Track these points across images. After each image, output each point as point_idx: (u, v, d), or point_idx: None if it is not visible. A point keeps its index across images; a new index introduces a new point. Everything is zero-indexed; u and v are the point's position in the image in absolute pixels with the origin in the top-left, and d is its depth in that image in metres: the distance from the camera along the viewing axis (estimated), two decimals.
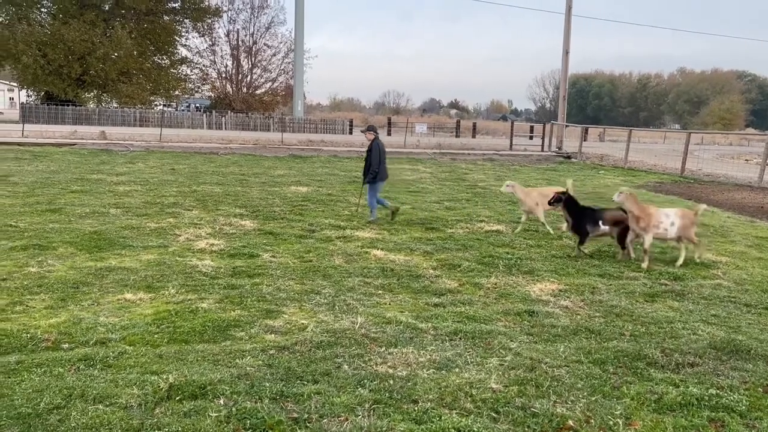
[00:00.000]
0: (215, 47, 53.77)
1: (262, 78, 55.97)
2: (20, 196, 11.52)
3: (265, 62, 55.29)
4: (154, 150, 24.18)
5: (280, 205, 11.90)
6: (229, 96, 53.90)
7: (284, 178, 16.70)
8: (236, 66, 54.77)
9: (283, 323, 5.44)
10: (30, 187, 12.66)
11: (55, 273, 6.63)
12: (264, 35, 54.54)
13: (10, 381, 4.06)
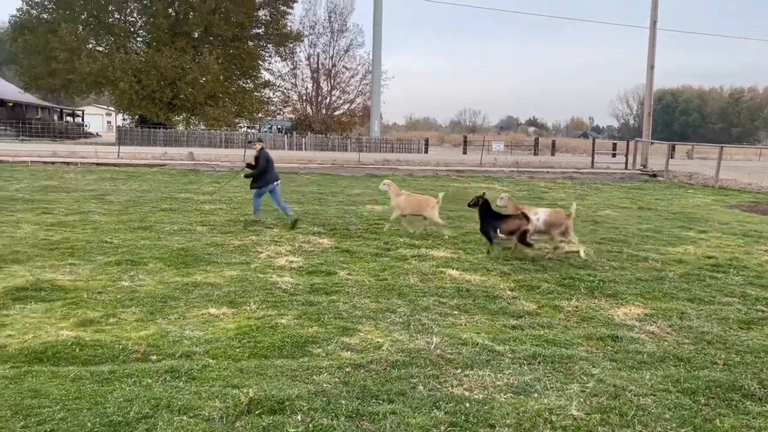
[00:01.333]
0: (296, 71, 55.64)
1: (341, 99, 57.31)
2: (115, 214, 12.25)
3: (343, 84, 56.64)
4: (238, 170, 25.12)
5: (356, 223, 12.05)
6: (309, 117, 55.43)
7: (360, 197, 16.92)
8: (316, 88, 56.36)
9: (358, 341, 5.48)
10: (124, 206, 13.44)
11: (145, 287, 6.98)
12: (343, 58, 55.93)
13: (103, 389, 4.29)
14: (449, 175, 26.00)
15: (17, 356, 4.83)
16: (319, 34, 55.36)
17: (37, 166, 23.95)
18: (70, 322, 5.72)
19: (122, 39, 46.97)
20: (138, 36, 49.85)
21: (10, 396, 4.13)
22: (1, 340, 5.17)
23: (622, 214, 14.80)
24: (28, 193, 15.06)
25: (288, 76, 55.61)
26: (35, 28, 44.55)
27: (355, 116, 57.60)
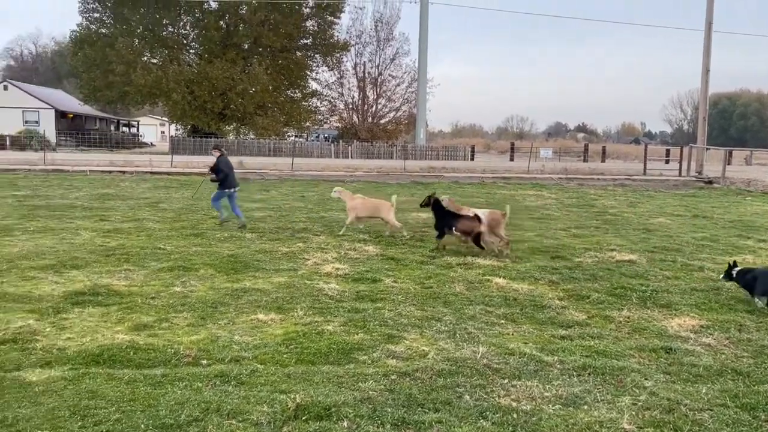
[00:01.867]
0: (343, 80, 56.16)
1: (386, 108, 57.54)
2: (168, 221, 12.61)
3: (389, 92, 56.85)
4: (286, 178, 25.53)
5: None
6: (355, 126, 55.86)
7: (405, 204, 16.92)
8: (362, 97, 56.75)
9: (404, 349, 5.47)
10: (177, 213, 13.83)
11: (196, 293, 7.15)
12: (389, 66, 56.17)
13: (156, 392, 4.41)
14: (495, 182, 25.76)
15: (75, 358, 5.01)
16: (365, 44, 55.82)
17: (95, 175, 24.89)
18: (125, 326, 5.91)
19: (175, 51, 48.45)
20: (191, 48, 51.34)
21: (68, 397, 4.29)
22: (60, 342, 5.38)
23: (675, 222, 14.35)
24: (87, 201, 15.66)
25: (335, 86, 56.26)
26: (94, 43, 46.41)
27: (400, 124, 57.75)
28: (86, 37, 47.46)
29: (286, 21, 46.93)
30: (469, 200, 18.11)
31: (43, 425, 3.85)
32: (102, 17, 48.69)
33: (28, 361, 4.93)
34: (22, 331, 5.61)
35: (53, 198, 16.29)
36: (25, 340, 5.38)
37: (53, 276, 7.71)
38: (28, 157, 32.20)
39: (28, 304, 6.48)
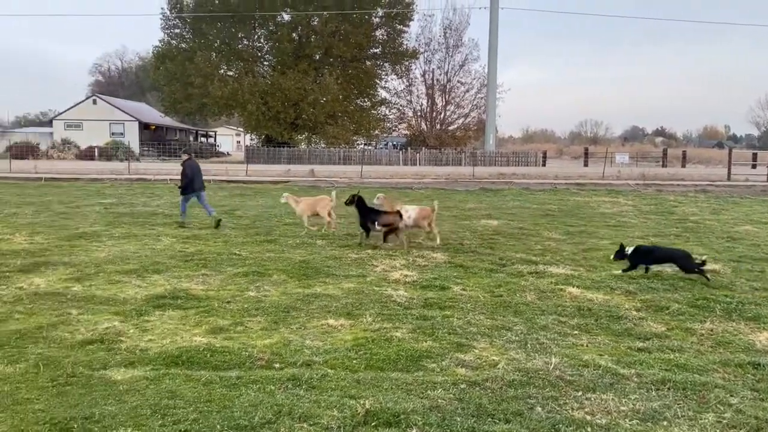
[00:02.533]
0: (412, 87, 56.33)
1: (455, 114, 57.22)
2: (243, 227, 13.02)
3: (458, 99, 56.53)
4: (356, 185, 25.81)
5: (470, 238, 11.95)
6: (424, 133, 55.88)
7: (474, 211, 16.77)
8: (431, 104, 56.72)
9: (473, 358, 5.41)
10: (251, 220, 14.26)
11: (269, 297, 7.34)
12: (458, 73, 55.88)
13: (231, 394, 4.55)
14: (569, 188, 25.12)
15: (156, 359, 5.25)
16: (434, 51, 55.77)
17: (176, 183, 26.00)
18: (202, 329, 6.13)
19: (250, 64, 50.10)
20: (264, 60, 52.93)
21: (150, 396, 4.49)
22: (143, 343, 5.65)
23: (763, 231, 13.53)
24: (167, 209, 16.39)
25: (403, 93, 56.49)
26: (174, 57, 48.66)
27: (469, 130, 57.30)
28: (167, 52, 49.84)
29: (356, 31, 47.64)
30: (542, 207, 17.76)
31: (126, 423, 4.05)
32: (182, 33, 51.00)
33: (113, 361, 5.19)
34: (108, 332, 5.92)
35: (137, 206, 17.15)
36: (110, 341, 5.68)
37: (136, 280, 8.11)
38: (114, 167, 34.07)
39: (113, 307, 6.84)
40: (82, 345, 5.55)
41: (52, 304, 6.85)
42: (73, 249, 10.19)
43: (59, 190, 22.17)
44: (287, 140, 48.16)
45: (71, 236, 11.49)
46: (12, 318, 6.32)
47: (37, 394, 4.47)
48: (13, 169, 29.81)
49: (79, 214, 14.81)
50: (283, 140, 47.81)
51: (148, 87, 78.45)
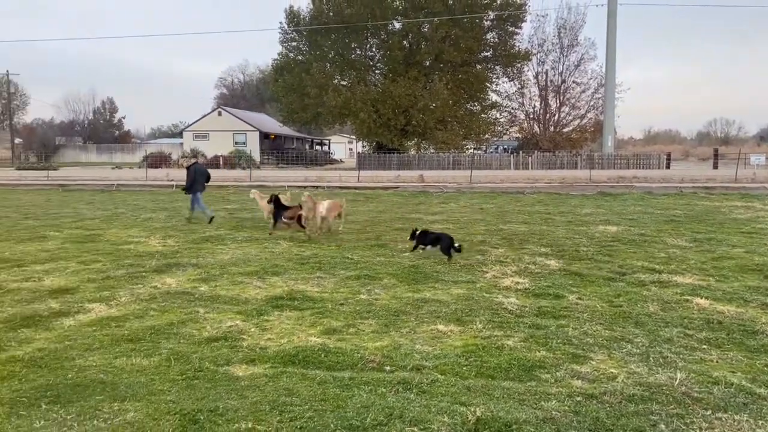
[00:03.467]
0: (524, 90, 55.18)
1: (570, 116, 55.38)
2: (355, 232, 13.34)
3: (573, 100, 54.69)
4: (465, 191, 25.67)
5: (587, 245, 11.48)
6: (536, 136, 54.50)
7: (591, 216, 16.10)
8: (544, 106, 55.27)
9: (590, 370, 5.19)
10: (363, 225, 14.58)
11: (380, 301, 7.47)
12: (573, 73, 54.08)
13: (344, 394, 4.67)
14: (696, 192, 23.45)
15: (275, 358, 5.50)
16: (547, 51, 54.31)
17: (293, 190, 27.14)
18: (317, 329, 6.35)
19: (362, 73, 51.33)
20: (376, 69, 54.02)
21: (268, 392, 4.71)
22: (262, 342, 5.94)
23: None
24: None
25: (515, 96, 55.44)
26: (292, 69, 50.91)
27: (585, 132, 55.16)
28: (285, 65, 52.24)
29: (466, 35, 47.42)
30: (666, 212, 16.72)
31: (247, 417, 4.27)
32: (299, 45, 53.26)
33: (235, 358, 5.51)
34: (231, 330, 6.29)
35: (257, 211, 18.07)
36: (233, 339, 6.03)
37: (257, 281, 8.55)
38: (237, 175, 36.14)
39: (236, 306, 7.26)
40: (208, 342, 5.94)
41: (182, 303, 7.37)
42: (201, 251, 10.93)
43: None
44: (397, 146, 48.79)
45: (199, 240, 12.33)
46: (147, 315, 6.88)
47: (168, 386, 4.83)
48: (148, 177, 32.47)
49: (205, 219, 15.84)
50: (393, 146, 48.49)
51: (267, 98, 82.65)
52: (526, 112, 56.12)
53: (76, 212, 17.83)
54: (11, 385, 4.82)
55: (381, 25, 49.61)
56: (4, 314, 6.84)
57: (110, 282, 8.48)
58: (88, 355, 5.53)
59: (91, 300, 7.45)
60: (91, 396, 4.62)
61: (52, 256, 10.49)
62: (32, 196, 24.63)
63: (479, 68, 51.19)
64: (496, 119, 54.88)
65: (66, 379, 4.94)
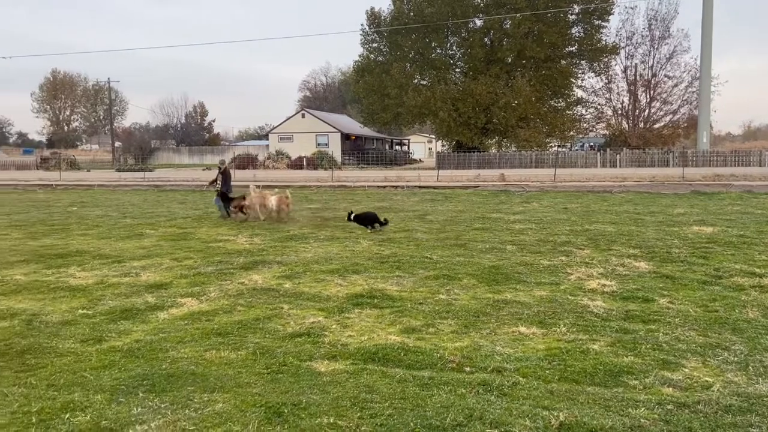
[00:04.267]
0: (611, 85, 53.23)
1: (661, 111, 52.86)
2: (434, 232, 13.32)
3: (664, 94, 52.20)
4: (548, 190, 25.04)
5: (679, 246, 10.92)
6: (625, 132, 52.39)
7: (684, 216, 15.29)
8: (633, 101, 53.07)
9: (682, 377, 4.94)
10: (442, 225, 14.53)
11: (459, 301, 7.42)
12: (664, 66, 51.63)
13: (423, 393, 4.68)
14: None
15: (355, 354, 5.58)
16: (637, 44, 52.08)
17: (372, 189, 27.47)
18: (396, 328, 6.39)
19: (442, 72, 51.15)
20: (456, 67, 53.69)
21: (349, 388, 4.79)
22: (343, 339, 6.05)
23: None
24: None
25: (602, 91, 53.54)
26: (372, 70, 51.50)
27: (678, 128, 52.47)
28: (366, 66, 52.91)
29: (550, 31, 46.27)
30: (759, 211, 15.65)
31: (329, 412, 4.36)
32: (379, 46, 53.77)
33: (318, 353, 5.63)
34: (314, 327, 6.44)
35: (338, 210, 18.41)
36: (316, 334, 6.17)
37: (338, 279, 8.70)
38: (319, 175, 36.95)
39: (318, 303, 7.42)
40: (291, 337, 6.11)
41: (267, 299, 7.62)
42: (285, 250, 11.25)
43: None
44: (477, 145, 48.28)
45: (283, 238, 12.70)
46: (235, 310, 7.16)
47: (254, 379, 5.01)
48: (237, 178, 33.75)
49: (289, 218, 16.31)
50: (473, 145, 48.03)
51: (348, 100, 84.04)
52: (613, 108, 54.08)
53: (170, 211, 18.82)
54: (112, 374, 5.15)
55: (462, 23, 49.23)
56: (106, 307, 7.32)
57: (201, 278, 8.89)
58: (181, 347, 5.82)
59: (184, 295, 7.84)
60: (183, 386, 4.86)
61: (148, 252, 11.13)
62: (130, 196, 26.22)
63: (564, 64, 49.79)
64: (582, 116, 53.28)
65: (160, 369, 5.23)
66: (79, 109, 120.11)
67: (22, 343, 5.96)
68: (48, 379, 5.04)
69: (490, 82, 46.22)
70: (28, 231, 14.40)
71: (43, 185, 33.70)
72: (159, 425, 4.17)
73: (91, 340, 6.05)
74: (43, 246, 12.01)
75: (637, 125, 52.79)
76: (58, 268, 9.77)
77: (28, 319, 6.82)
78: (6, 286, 8.46)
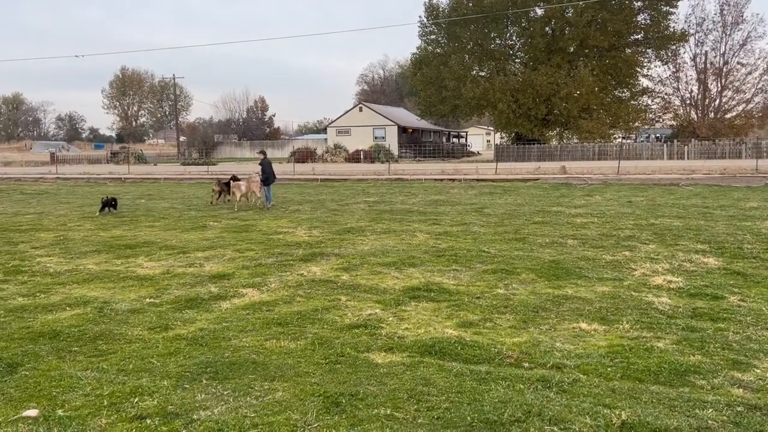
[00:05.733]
0: (679, 73, 51.08)
1: (734, 100, 50.35)
2: (492, 225, 13.17)
3: (737, 83, 49.69)
4: (611, 183, 24.33)
5: (751, 242, 10.41)
6: (693, 123, 50.22)
7: (758, 211, 14.55)
8: (702, 90, 50.76)
9: (754, 378, 4.72)
10: (500, 218, 14.35)
11: (518, 296, 7.31)
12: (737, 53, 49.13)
13: (481, 388, 4.64)
14: None
15: (412, 347, 5.59)
16: (707, 31, 49.72)
17: (429, 182, 27.37)
18: (453, 322, 6.37)
19: (502, 63, 50.35)
20: (516, 58, 52.73)
21: (406, 381, 4.81)
22: (400, 331, 6.07)
23: None
24: (422, 207, 17.32)
25: (669, 80, 51.40)
26: (430, 62, 51.20)
27: (752, 118, 49.87)
28: (424, 58, 52.64)
29: (614, 18, 44.75)
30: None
31: (386, 403, 4.39)
32: (437, 38, 53.38)
33: (375, 345, 5.68)
34: (371, 319, 6.49)
35: (395, 203, 18.45)
36: (373, 326, 6.22)
37: (395, 272, 8.74)
38: (377, 168, 37.11)
39: (375, 295, 7.47)
40: (349, 328, 6.18)
41: (325, 291, 7.73)
42: (342, 242, 11.37)
43: (331, 189, 24.93)
44: (537, 137, 47.31)
45: (341, 231, 12.84)
46: (295, 300, 7.30)
47: (313, 369, 5.10)
48: (296, 171, 34.32)
49: (347, 211, 16.47)
50: (533, 137, 47.11)
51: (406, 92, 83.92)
52: (681, 98, 51.88)
53: (232, 204, 19.33)
54: (177, 360, 5.35)
55: (522, 13, 48.25)
56: (172, 296, 7.60)
57: (262, 269, 9.10)
58: (242, 336, 5.98)
59: (245, 285, 8.04)
60: (245, 374, 4.99)
61: (212, 244, 11.47)
62: (195, 189, 27.07)
63: (629, 52, 48.09)
64: (648, 106, 51.33)
65: (223, 357, 5.39)
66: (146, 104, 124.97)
67: (95, 330, 6.26)
68: (118, 364, 5.28)
69: (551, 72, 45.14)
70: (99, 222, 15.09)
71: (113, 178, 35.23)
72: (221, 411, 4.30)
73: (158, 328, 6.30)
74: (113, 237, 12.57)
75: (706, 115, 50.50)
76: (127, 258, 10.21)
77: (100, 306, 7.16)
78: (79, 275, 8.91)
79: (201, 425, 4.09)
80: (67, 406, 4.43)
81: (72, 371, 5.11)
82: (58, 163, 51.65)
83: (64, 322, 6.55)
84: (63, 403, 4.49)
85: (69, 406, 4.44)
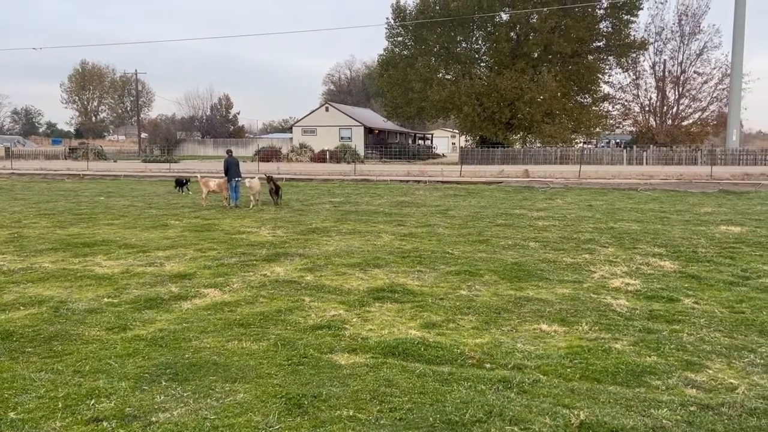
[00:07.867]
0: (639, 81, 52.30)
1: (690, 108, 51.82)
2: (456, 227, 13.27)
3: (694, 91, 51.14)
4: (573, 186, 24.79)
5: (705, 246, 10.74)
6: (652, 129, 51.51)
7: (712, 216, 15.03)
8: (661, 98, 52.13)
9: (706, 378, 4.87)
10: (464, 220, 14.47)
11: (480, 297, 7.39)
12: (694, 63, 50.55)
13: (443, 389, 4.68)
14: None
15: (375, 348, 5.60)
16: (666, 40, 51.05)
17: (395, 184, 27.45)
18: (416, 323, 6.40)
19: (467, 66, 50.75)
20: (481, 62, 53.21)
21: (369, 382, 4.81)
22: (364, 332, 6.07)
23: None
24: (387, 208, 17.36)
25: (629, 87, 52.62)
26: (397, 64, 51.30)
27: (707, 126, 51.42)
28: (390, 60, 52.72)
29: (577, 25, 45.58)
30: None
31: (348, 405, 4.39)
32: (404, 40, 53.49)
33: (338, 346, 5.66)
34: (335, 320, 6.47)
35: (361, 204, 18.44)
36: (336, 327, 6.20)
37: (359, 273, 8.73)
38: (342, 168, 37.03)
39: (339, 296, 7.46)
40: (312, 329, 6.15)
41: (289, 291, 7.68)
42: (307, 242, 11.31)
43: (296, 189, 24.76)
44: (501, 140, 47.85)
45: (306, 231, 12.77)
46: (257, 301, 7.23)
47: (275, 370, 5.06)
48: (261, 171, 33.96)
49: (312, 211, 16.39)
50: (497, 141, 47.62)
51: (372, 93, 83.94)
52: (641, 105, 53.17)
53: (194, 203, 19.02)
54: (136, 362, 5.24)
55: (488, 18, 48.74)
56: (131, 296, 7.44)
57: (224, 269, 8.99)
58: (203, 337, 5.90)
59: (207, 285, 7.93)
60: (206, 376, 4.92)
61: (173, 243, 11.27)
62: (156, 186, 26.56)
63: (591, 59, 49.02)
64: (608, 112, 52.43)
65: (183, 358, 5.31)
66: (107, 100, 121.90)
67: (50, 330, 6.09)
68: (74, 365, 5.15)
69: (515, 76, 45.71)
70: (56, 220, 14.68)
71: (71, 175, 34.30)
72: (181, 413, 4.23)
73: (116, 328, 6.16)
74: (70, 235, 12.24)
75: (664, 122, 51.87)
76: (85, 256, 9.95)
77: (56, 306, 6.96)
78: (34, 274, 8.65)
79: (160, 428, 4.02)
80: (20, 409, 4.29)
81: (25, 373, 4.96)
82: (13, 159, 50.08)
83: (18, 322, 6.36)
84: (15, 405, 4.35)
85: (22, 408, 4.31)
